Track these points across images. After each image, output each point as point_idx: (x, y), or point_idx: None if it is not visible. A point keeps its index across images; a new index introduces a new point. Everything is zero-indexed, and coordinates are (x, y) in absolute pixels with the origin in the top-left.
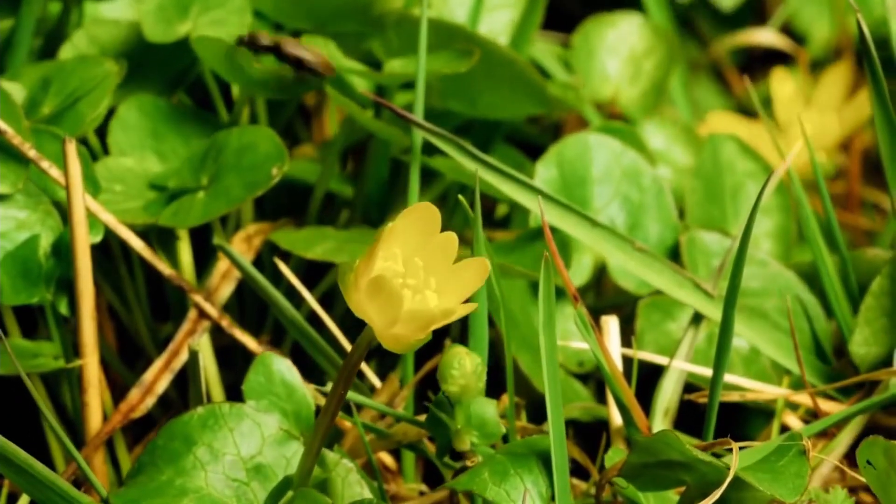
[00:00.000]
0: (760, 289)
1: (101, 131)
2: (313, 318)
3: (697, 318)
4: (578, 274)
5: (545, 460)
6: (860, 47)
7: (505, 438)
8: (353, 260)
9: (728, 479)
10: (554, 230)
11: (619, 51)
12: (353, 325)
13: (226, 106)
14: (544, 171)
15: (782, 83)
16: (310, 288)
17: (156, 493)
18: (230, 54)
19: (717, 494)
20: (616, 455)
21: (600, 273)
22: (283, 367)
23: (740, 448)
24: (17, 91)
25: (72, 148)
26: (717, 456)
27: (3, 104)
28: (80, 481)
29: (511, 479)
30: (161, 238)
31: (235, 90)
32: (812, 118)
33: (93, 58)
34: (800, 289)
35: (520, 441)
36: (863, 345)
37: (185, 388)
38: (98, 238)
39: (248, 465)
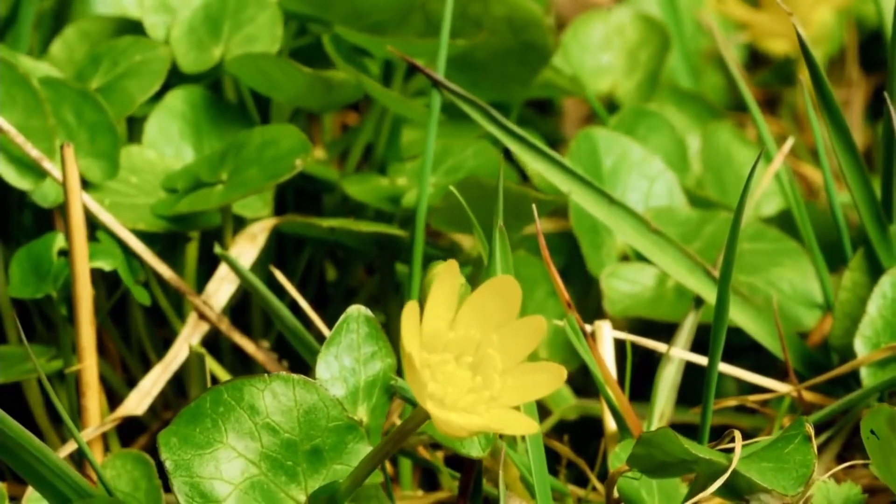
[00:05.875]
0: None
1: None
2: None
3: (699, 303)
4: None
5: None
6: (802, 51)
7: None
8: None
9: (727, 474)
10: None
11: (613, 44)
12: None
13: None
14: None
15: None
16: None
17: (206, 445)
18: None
19: (713, 487)
20: (624, 450)
21: None
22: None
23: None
24: (64, 64)
25: (70, 153)
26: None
27: (28, 99)
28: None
29: None
30: (166, 243)
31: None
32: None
33: (145, 41)
34: (772, 233)
35: None
36: (844, 337)
37: (182, 391)
38: (110, 267)
39: (306, 447)
